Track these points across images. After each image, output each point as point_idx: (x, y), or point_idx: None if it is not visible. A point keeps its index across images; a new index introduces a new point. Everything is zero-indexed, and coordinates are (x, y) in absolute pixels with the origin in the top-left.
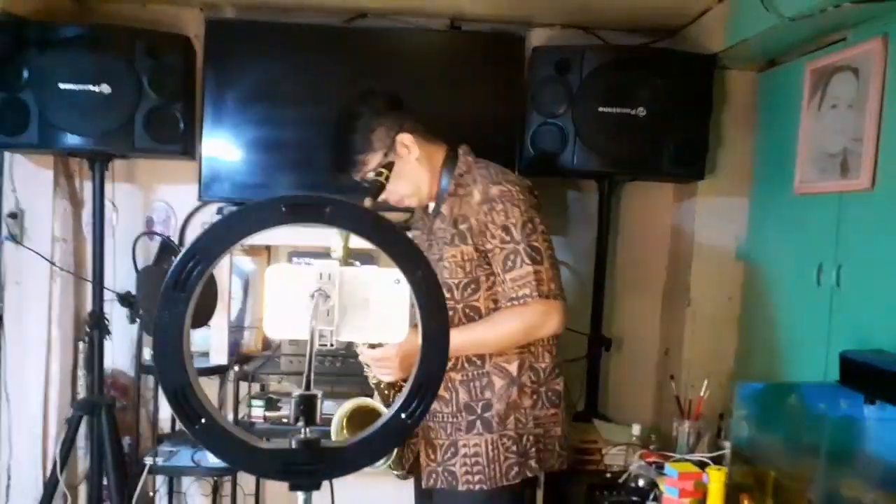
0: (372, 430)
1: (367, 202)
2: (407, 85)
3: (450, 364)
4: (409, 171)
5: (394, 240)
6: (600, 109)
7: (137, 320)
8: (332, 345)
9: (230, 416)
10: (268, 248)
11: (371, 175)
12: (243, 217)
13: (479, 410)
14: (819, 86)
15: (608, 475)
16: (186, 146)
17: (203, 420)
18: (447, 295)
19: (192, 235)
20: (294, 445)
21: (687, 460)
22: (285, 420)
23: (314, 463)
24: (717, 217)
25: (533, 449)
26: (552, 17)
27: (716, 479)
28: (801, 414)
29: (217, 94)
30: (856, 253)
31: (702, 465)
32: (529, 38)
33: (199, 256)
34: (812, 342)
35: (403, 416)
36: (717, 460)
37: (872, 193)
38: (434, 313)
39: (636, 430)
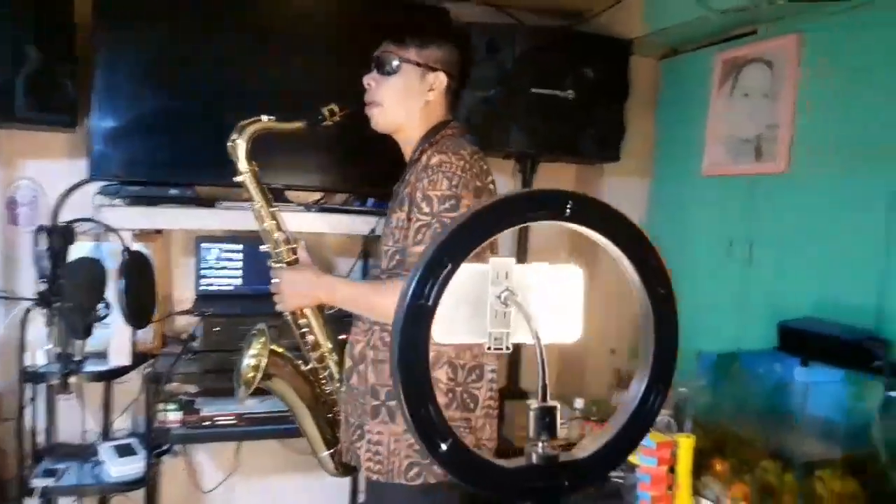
0: (613, 432)
1: (301, 123)
2: (317, 55)
3: (367, 338)
4: (410, 102)
5: (642, 245)
6: (532, 90)
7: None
8: (508, 348)
9: (142, 424)
10: (159, 231)
11: (367, 79)
12: (499, 209)
13: (382, 397)
14: (730, 75)
15: None
16: (74, 117)
17: (449, 441)
18: (380, 263)
19: (70, 217)
20: (535, 461)
21: None
22: (206, 423)
23: (554, 478)
24: (623, 198)
25: None
26: None
27: (685, 447)
28: (746, 379)
29: (110, 58)
30: (768, 230)
31: None
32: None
33: (447, 259)
34: (725, 313)
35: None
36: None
37: (788, 175)
38: (665, 332)
39: (579, 403)
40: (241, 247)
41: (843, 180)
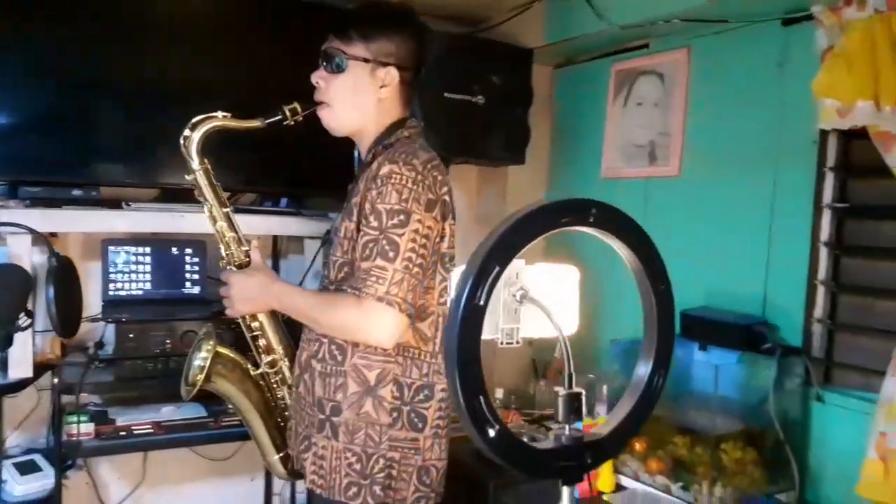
0: (625, 412)
1: (258, 122)
2: (216, 51)
3: (314, 348)
4: (360, 101)
5: (648, 248)
6: (445, 95)
7: None
8: (518, 342)
9: (42, 439)
10: (54, 235)
11: (315, 77)
12: (538, 216)
13: (327, 411)
14: (624, 85)
15: None
16: None
17: (497, 428)
18: (325, 272)
19: None
20: (565, 442)
21: (544, 415)
22: (123, 433)
23: (580, 457)
24: (523, 198)
25: (381, 474)
26: None
27: None
28: None
29: (2, 49)
30: (661, 229)
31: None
32: None
33: (494, 262)
34: (622, 303)
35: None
36: None
37: (679, 178)
38: (665, 323)
39: (499, 393)
40: (149, 250)
41: (730, 182)
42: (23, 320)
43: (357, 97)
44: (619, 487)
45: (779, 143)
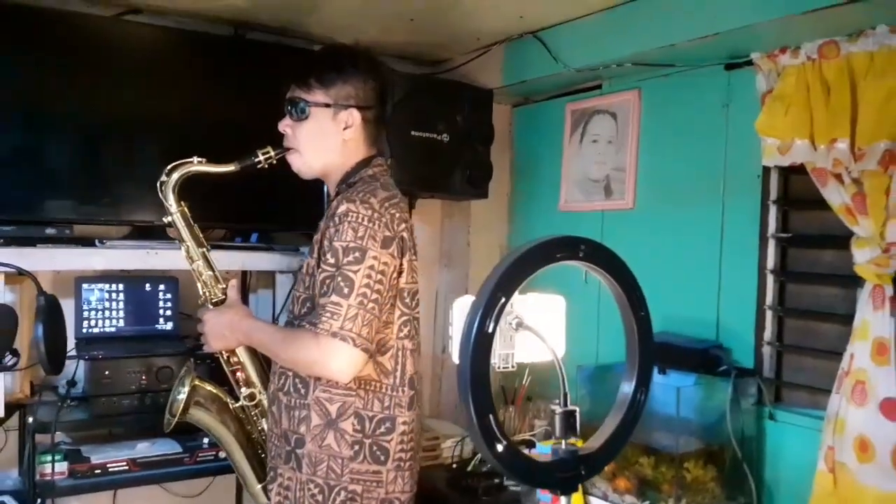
0: (613, 427)
1: (233, 166)
2: (191, 90)
3: (280, 382)
4: (325, 144)
5: (630, 280)
6: (412, 133)
7: None
8: (513, 367)
9: (24, 478)
10: (20, 272)
11: (282, 125)
12: (538, 252)
13: (292, 443)
14: (580, 124)
15: (454, 465)
16: None
17: (505, 443)
18: (290, 307)
19: None
20: (562, 456)
21: (518, 441)
22: (98, 471)
23: (575, 469)
24: (486, 230)
25: None
26: (334, 36)
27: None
28: (614, 387)
29: None
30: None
31: (530, 444)
32: None
33: (500, 293)
34: (585, 331)
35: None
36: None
37: (634, 211)
38: (646, 345)
39: None
40: (122, 287)
41: (681, 214)
42: (9, 359)
43: (322, 141)
44: None
45: (725, 177)
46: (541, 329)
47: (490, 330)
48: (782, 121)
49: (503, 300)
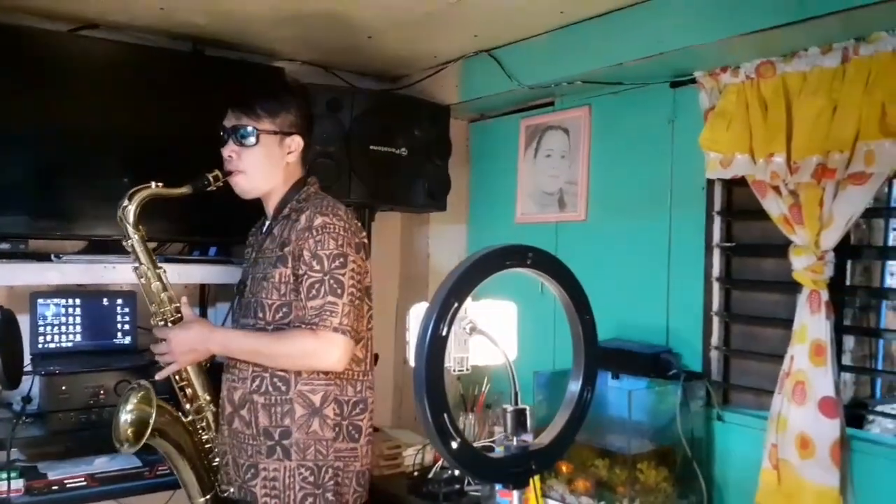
0: (561, 424)
1: (187, 189)
2: (149, 105)
3: (254, 385)
4: (272, 168)
5: (574, 285)
6: (371, 147)
7: None
8: (468, 370)
9: None
10: None
11: (227, 151)
12: (488, 260)
13: (276, 437)
14: (534, 138)
15: (415, 473)
16: None
17: (459, 441)
18: (259, 314)
19: None
20: (513, 451)
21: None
22: (55, 487)
23: (526, 463)
24: (445, 242)
25: (331, 482)
26: (294, 53)
27: None
28: None
29: None
30: (572, 268)
31: (489, 449)
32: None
33: (453, 298)
34: (541, 339)
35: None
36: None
37: (586, 223)
38: (591, 347)
39: None
40: (79, 301)
41: (631, 225)
42: None
43: (270, 165)
44: None
45: (672, 190)
46: (493, 333)
47: (444, 333)
48: (724, 136)
49: (456, 305)
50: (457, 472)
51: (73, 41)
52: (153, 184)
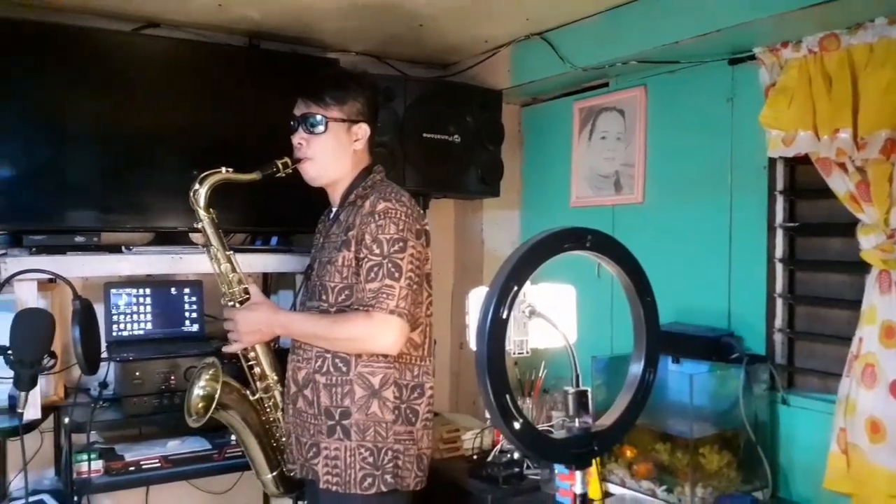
0: (623, 406)
1: (256, 175)
2: (209, 101)
3: (317, 365)
4: (340, 155)
5: (635, 267)
6: (424, 135)
7: None
8: (528, 353)
9: (46, 479)
10: (53, 280)
11: (297, 139)
12: (547, 243)
13: (336, 416)
14: (588, 121)
15: (474, 457)
16: None
17: (521, 421)
18: (323, 297)
19: None
20: (575, 433)
21: None
22: (132, 468)
23: (588, 445)
24: (499, 228)
25: (390, 464)
26: (347, 43)
27: None
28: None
29: (2, 104)
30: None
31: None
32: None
33: (513, 282)
34: (599, 323)
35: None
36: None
37: (643, 205)
38: (652, 329)
39: (489, 414)
40: (149, 291)
41: (690, 206)
42: (47, 361)
43: (337, 152)
44: (607, 494)
45: (732, 170)
46: (552, 316)
47: (504, 316)
48: (786, 113)
49: (515, 288)
50: (516, 456)
51: (136, 40)
52: (223, 169)
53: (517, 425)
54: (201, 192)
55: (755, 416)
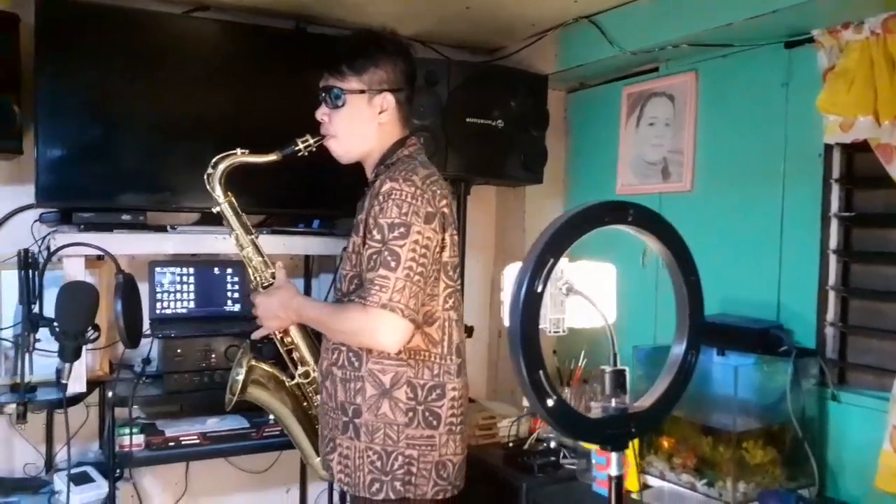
0: (664, 387)
1: (275, 155)
2: (255, 84)
3: (334, 357)
4: (363, 130)
5: (679, 244)
6: (467, 120)
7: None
8: (564, 331)
9: (90, 452)
10: (101, 258)
11: (319, 114)
12: (586, 215)
13: (349, 414)
14: (636, 107)
15: (510, 444)
16: (20, 143)
17: (555, 398)
18: (338, 285)
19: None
20: (612, 413)
21: None
22: (172, 444)
23: (626, 426)
24: (542, 216)
25: (400, 471)
26: (393, 27)
27: None
28: None
29: (54, 85)
30: None
31: None
32: None
33: (549, 254)
34: (642, 314)
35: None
36: None
37: (692, 193)
38: (696, 309)
39: (526, 402)
40: (192, 270)
41: (740, 195)
42: (91, 334)
43: (360, 127)
44: (645, 487)
45: (785, 157)
46: (591, 295)
47: (539, 290)
48: (845, 97)
49: (552, 261)
50: (553, 445)
51: (186, 23)
52: (238, 150)
53: (550, 402)
54: (215, 175)
55: (803, 411)
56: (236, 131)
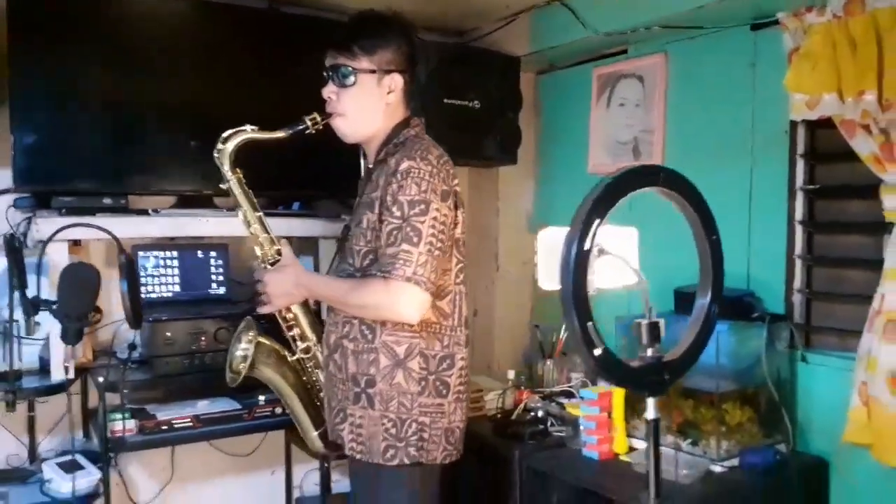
0: (692, 338)
1: (282, 133)
2: (229, 65)
3: (345, 330)
4: (372, 109)
5: (702, 204)
6: (445, 101)
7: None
8: (594, 292)
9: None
10: (77, 242)
11: (326, 92)
12: (624, 179)
13: (362, 384)
14: (606, 88)
15: (498, 416)
16: None
17: (602, 348)
18: (350, 260)
19: None
20: (649, 361)
21: (555, 392)
22: (164, 427)
23: (660, 374)
24: (514, 197)
25: (414, 437)
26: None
27: (619, 395)
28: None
29: (28, 69)
30: (648, 218)
31: (569, 395)
32: None
33: (595, 216)
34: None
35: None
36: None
37: None
38: (718, 265)
39: (511, 374)
40: (176, 254)
41: (710, 171)
42: (92, 316)
43: (368, 106)
44: (631, 449)
45: (753, 134)
46: (615, 258)
47: (587, 248)
48: (810, 77)
49: (598, 221)
50: (540, 414)
51: (160, 4)
52: (248, 127)
53: (597, 351)
54: (226, 151)
55: (777, 373)
56: (212, 112)
